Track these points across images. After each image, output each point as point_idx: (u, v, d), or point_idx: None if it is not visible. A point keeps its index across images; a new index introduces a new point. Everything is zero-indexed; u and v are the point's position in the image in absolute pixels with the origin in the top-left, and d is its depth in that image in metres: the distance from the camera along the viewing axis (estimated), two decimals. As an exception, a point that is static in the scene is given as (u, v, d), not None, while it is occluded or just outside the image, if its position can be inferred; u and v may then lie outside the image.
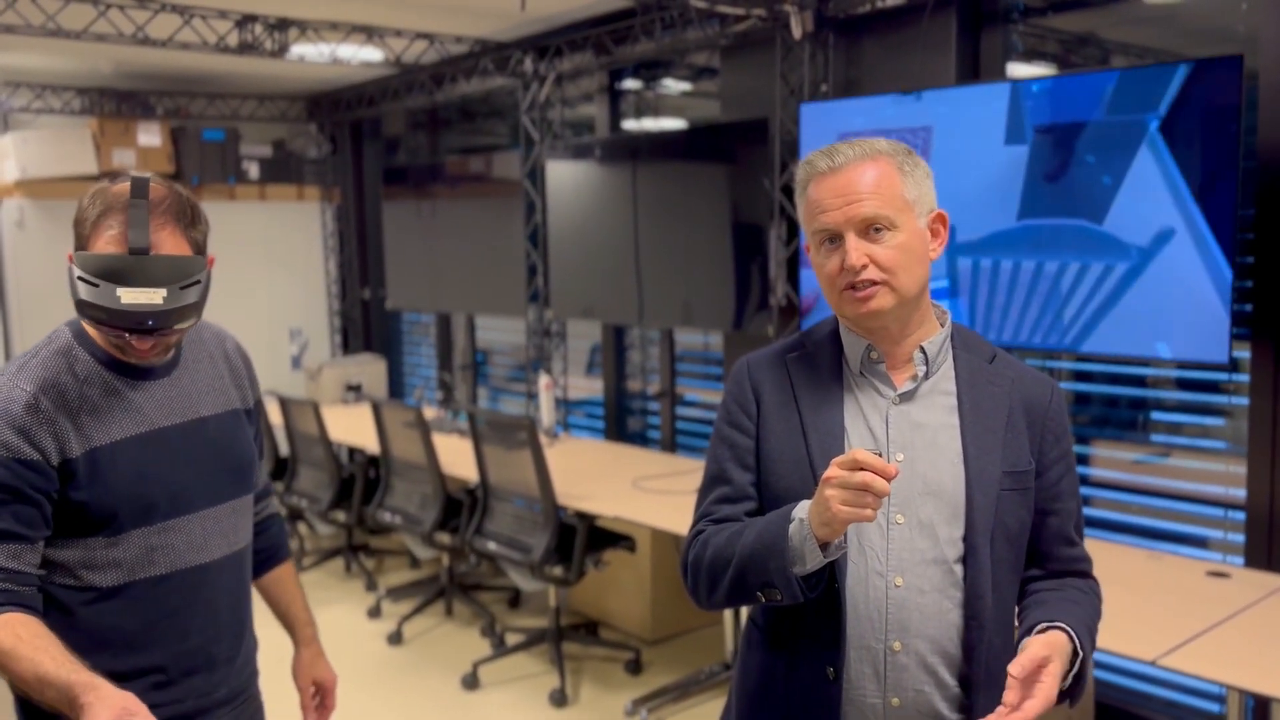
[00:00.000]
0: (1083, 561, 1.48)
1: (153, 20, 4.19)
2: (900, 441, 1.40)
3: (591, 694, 3.80)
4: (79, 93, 5.98)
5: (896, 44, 3.63)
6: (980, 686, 1.39)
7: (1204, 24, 3.07)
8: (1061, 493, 1.44)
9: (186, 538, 1.59)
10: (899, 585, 1.37)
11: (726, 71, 4.28)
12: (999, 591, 1.40)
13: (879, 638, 1.37)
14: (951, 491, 1.38)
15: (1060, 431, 1.45)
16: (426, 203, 5.79)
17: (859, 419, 1.42)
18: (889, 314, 1.38)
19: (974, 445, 1.39)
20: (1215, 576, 2.71)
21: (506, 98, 5.61)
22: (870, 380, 1.44)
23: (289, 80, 6.00)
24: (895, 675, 1.37)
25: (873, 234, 1.36)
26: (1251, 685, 2.06)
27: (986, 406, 1.42)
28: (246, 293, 6.45)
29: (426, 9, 4.33)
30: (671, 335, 4.83)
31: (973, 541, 1.37)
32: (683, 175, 4.23)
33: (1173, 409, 3.20)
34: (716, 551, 1.41)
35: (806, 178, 1.42)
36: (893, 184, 1.37)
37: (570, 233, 4.79)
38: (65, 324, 1.58)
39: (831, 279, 1.39)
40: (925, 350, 1.43)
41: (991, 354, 1.47)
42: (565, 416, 5.32)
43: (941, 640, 1.37)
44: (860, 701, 1.39)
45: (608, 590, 4.43)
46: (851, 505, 1.23)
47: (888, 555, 1.37)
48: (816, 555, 1.30)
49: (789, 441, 1.43)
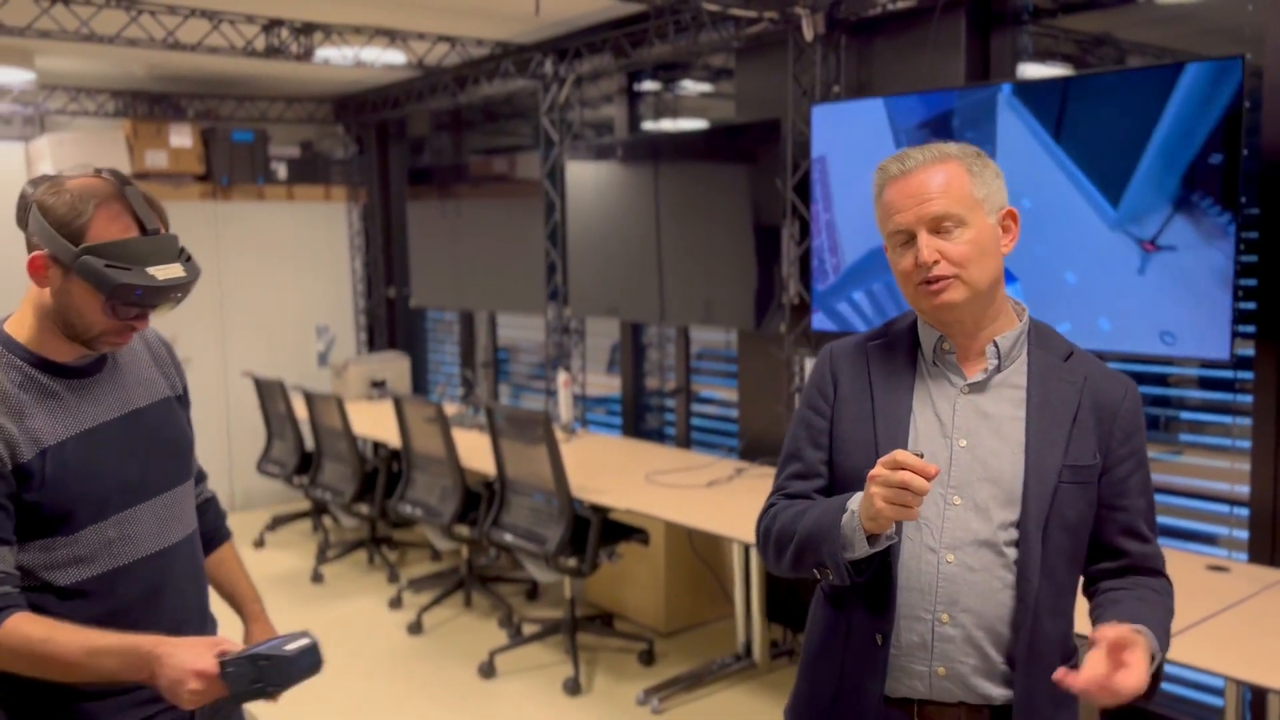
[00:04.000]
0: (1154, 559, 1.52)
1: (183, 25, 4.32)
2: (965, 428, 1.48)
3: (604, 683, 3.88)
4: (112, 95, 6.14)
5: (907, 46, 3.68)
6: (1025, 666, 1.45)
7: (1217, 23, 3.10)
8: (1129, 489, 1.49)
9: (143, 527, 1.64)
10: (950, 561, 1.44)
11: (741, 73, 4.34)
12: (1052, 578, 1.46)
13: (928, 609, 1.45)
14: (1010, 479, 1.45)
15: (1131, 430, 1.50)
16: (450, 202, 5.89)
17: (927, 406, 1.50)
18: (962, 307, 1.46)
19: (1037, 437, 1.46)
20: (1215, 570, 2.75)
21: (528, 99, 5.70)
22: (942, 370, 1.52)
23: (316, 82, 6.13)
24: (942, 646, 1.45)
25: (944, 231, 1.44)
26: (1244, 675, 2.11)
27: (1055, 402, 1.48)
28: (275, 291, 6.58)
29: (448, 12, 4.43)
30: (687, 333, 4.90)
31: (1025, 528, 1.43)
32: (704, 175, 4.30)
33: (1180, 407, 3.23)
34: (782, 527, 1.53)
35: (881, 183, 1.50)
36: (962, 184, 1.45)
37: (591, 232, 4.87)
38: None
39: (907, 275, 1.47)
40: (998, 344, 1.50)
41: (1068, 351, 1.53)
42: (584, 413, 5.40)
43: (989, 618, 1.44)
44: (908, 668, 1.47)
45: (623, 583, 4.50)
46: (893, 503, 1.32)
47: (941, 533, 1.45)
48: (864, 545, 1.40)
49: (859, 424, 1.52)
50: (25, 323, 1.57)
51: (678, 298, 4.44)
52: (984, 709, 1.47)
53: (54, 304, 1.54)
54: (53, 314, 1.55)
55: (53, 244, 1.50)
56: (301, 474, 5.36)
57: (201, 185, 6.22)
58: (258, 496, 6.56)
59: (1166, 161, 2.86)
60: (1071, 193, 3.05)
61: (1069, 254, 3.07)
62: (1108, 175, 2.98)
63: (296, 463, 5.38)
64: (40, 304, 1.56)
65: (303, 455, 5.41)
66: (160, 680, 1.44)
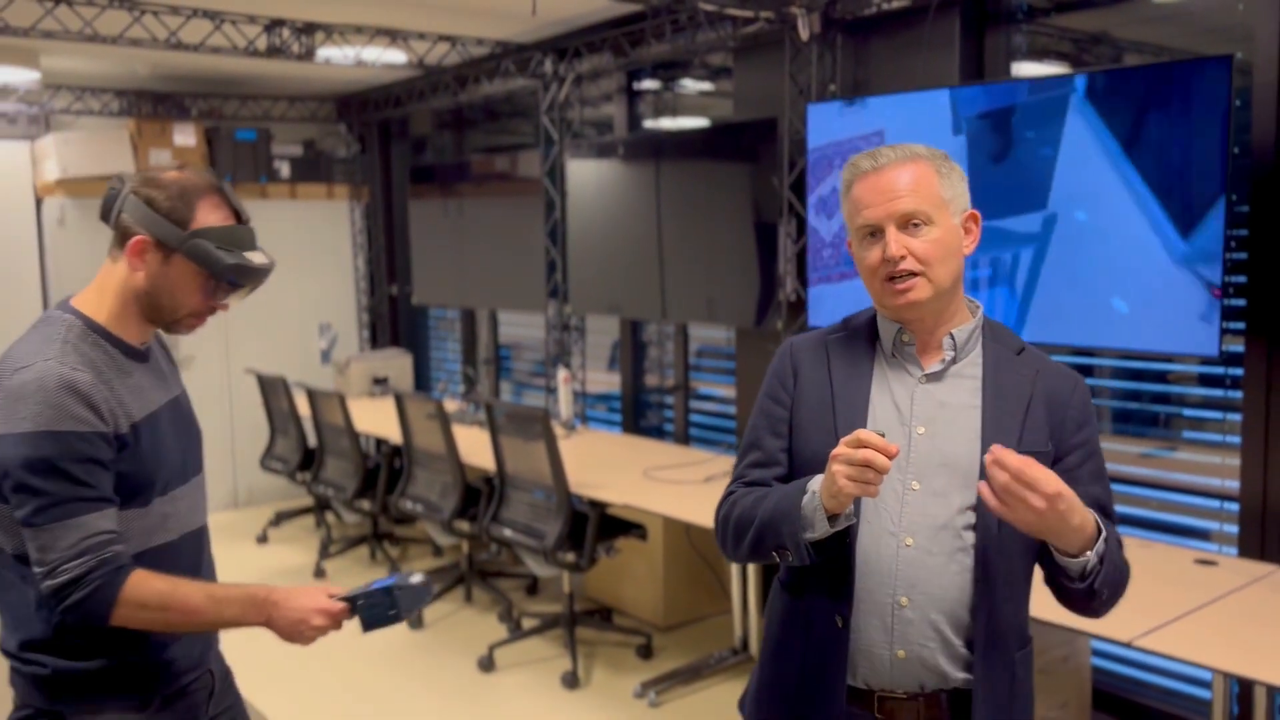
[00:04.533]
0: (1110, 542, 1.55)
1: (185, 25, 4.36)
2: (923, 417, 1.52)
3: (602, 677, 3.92)
4: (117, 95, 6.18)
5: (902, 45, 3.71)
6: (984, 648, 1.49)
7: (1212, 22, 3.12)
8: (1080, 478, 1.52)
9: (184, 505, 1.75)
10: (909, 545, 1.48)
11: (739, 72, 4.37)
12: (1009, 562, 1.50)
13: (888, 593, 1.49)
14: (966, 465, 1.49)
15: (1082, 421, 1.55)
16: (452, 201, 5.93)
17: (886, 395, 1.55)
18: (925, 305, 1.50)
19: (992, 426, 1.50)
20: (1202, 564, 2.78)
21: (529, 97, 5.73)
22: (901, 361, 1.56)
23: (319, 82, 6.17)
24: (902, 629, 1.49)
25: (911, 228, 1.49)
26: (1231, 667, 2.13)
27: (1009, 393, 1.53)
28: (277, 289, 6.62)
29: (448, 12, 4.47)
30: (686, 331, 4.93)
31: (982, 511, 1.47)
32: (705, 173, 4.33)
33: (1176, 404, 3.25)
34: (743, 512, 1.57)
35: (851, 177, 1.55)
36: (931, 183, 1.50)
37: (592, 230, 4.91)
38: (60, 309, 1.67)
39: (873, 270, 1.51)
40: (954, 337, 1.54)
41: (1020, 347, 1.58)
42: (584, 410, 5.44)
43: (948, 600, 1.48)
44: (869, 651, 1.51)
45: (622, 578, 4.54)
46: (855, 480, 1.36)
47: (901, 517, 1.49)
48: (824, 525, 1.43)
49: (819, 411, 1.57)
50: (103, 304, 1.68)
51: (679, 295, 4.48)
52: (940, 696, 1.50)
53: (147, 286, 1.66)
54: (141, 296, 1.67)
55: (158, 229, 1.63)
56: (304, 470, 5.40)
57: (205, 184, 6.25)
58: (261, 493, 6.61)
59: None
60: (1134, 213, 2.85)
61: (1120, 280, 2.90)
62: (1182, 201, 2.76)
63: (299, 459, 5.42)
64: (125, 286, 1.67)
65: (305, 452, 5.45)
66: (279, 622, 1.63)
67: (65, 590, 1.53)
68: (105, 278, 1.70)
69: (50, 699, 1.63)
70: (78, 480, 1.54)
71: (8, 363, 1.59)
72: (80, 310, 1.67)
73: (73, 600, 1.53)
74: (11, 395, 1.54)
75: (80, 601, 1.53)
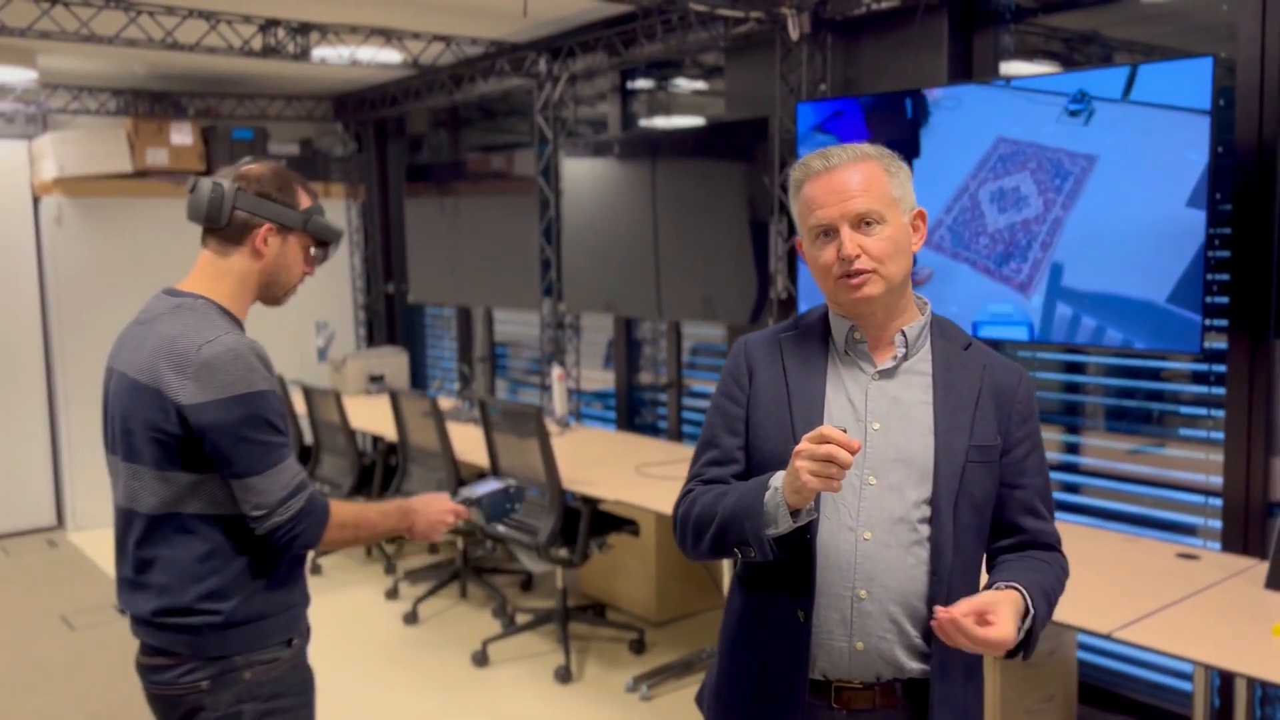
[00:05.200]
0: (1049, 535, 1.61)
1: (181, 25, 4.39)
2: (877, 413, 1.55)
3: (595, 671, 3.95)
4: (114, 94, 6.21)
5: (892, 45, 3.74)
6: (940, 640, 1.51)
7: (1199, 21, 3.15)
8: (1027, 470, 1.58)
9: None
10: (867, 539, 1.51)
11: (731, 71, 4.41)
12: (962, 553, 1.54)
13: (847, 586, 1.52)
14: (921, 460, 1.53)
15: (1027, 414, 1.59)
16: (448, 199, 5.96)
17: (840, 391, 1.57)
18: (878, 301, 1.53)
19: (944, 420, 1.54)
20: (1184, 559, 2.81)
21: (525, 96, 5.76)
22: (853, 358, 1.59)
23: (315, 81, 6.20)
24: (860, 621, 1.52)
25: (864, 228, 1.52)
26: (1211, 659, 2.16)
27: (959, 387, 1.56)
28: (274, 287, 6.65)
29: (442, 12, 4.50)
30: (679, 329, 4.96)
31: (937, 505, 1.51)
32: (701, 171, 4.36)
33: (1160, 400, 3.29)
34: (702, 510, 1.58)
35: (802, 177, 1.57)
36: (881, 182, 1.53)
37: (588, 228, 4.94)
38: (190, 297, 1.86)
39: (827, 269, 1.54)
40: (905, 334, 1.58)
41: (967, 342, 1.62)
42: (579, 407, 5.47)
43: (905, 593, 1.52)
44: (828, 644, 1.54)
45: (615, 574, 4.58)
46: (818, 475, 1.39)
47: (859, 512, 1.52)
48: (787, 520, 1.46)
49: (775, 410, 1.59)
50: (220, 289, 1.88)
51: (675, 294, 4.51)
52: (895, 685, 1.54)
53: (269, 267, 1.90)
54: (261, 277, 1.90)
55: (277, 214, 1.88)
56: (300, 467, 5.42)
57: (202, 182, 6.28)
58: (258, 490, 6.63)
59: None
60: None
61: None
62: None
63: (295, 456, 5.43)
64: (245, 272, 1.89)
65: (301, 449, 5.48)
66: (419, 524, 1.99)
67: (290, 524, 1.78)
68: (213, 268, 1.89)
69: (222, 644, 1.80)
70: (278, 429, 1.80)
71: (185, 342, 1.76)
72: (204, 296, 1.87)
73: (298, 530, 1.78)
74: (208, 366, 1.74)
75: (305, 530, 1.79)
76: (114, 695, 3.83)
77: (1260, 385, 2.93)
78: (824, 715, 1.55)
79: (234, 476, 1.76)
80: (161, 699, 1.85)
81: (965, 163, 3.28)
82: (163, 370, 1.76)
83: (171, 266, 6.36)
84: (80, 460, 6.03)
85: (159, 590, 1.80)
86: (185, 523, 1.79)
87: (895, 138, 3.40)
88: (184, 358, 1.75)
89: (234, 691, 1.81)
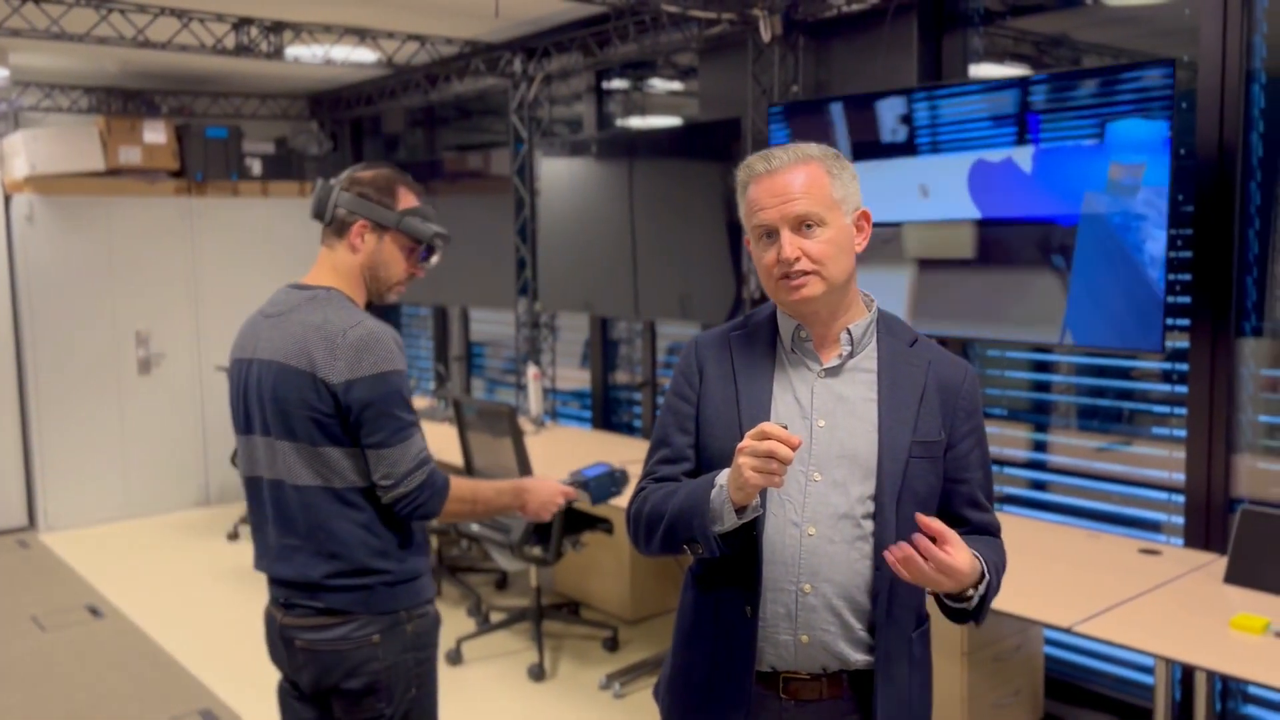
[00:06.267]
0: (991, 526, 1.65)
1: (152, 24, 4.37)
2: (823, 410, 1.57)
3: (569, 669, 3.97)
4: (86, 92, 6.17)
5: (862, 47, 3.77)
6: (884, 631, 1.56)
7: (1164, 25, 3.19)
8: (970, 464, 1.61)
9: None
10: (811, 534, 1.54)
11: (704, 73, 4.43)
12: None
13: (792, 580, 1.54)
14: (865, 456, 1.55)
15: (971, 409, 1.62)
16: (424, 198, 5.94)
17: (787, 389, 1.59)
18: (819, 301, 1.55)
19: (889, 417, 1.56)
20: (1146, 554, 2.86)
21: (500, 96, 5.77)
22: (800, 356, 1.61)
23: (290, 79, 6.18)
24: (805, 615, 1.54)
25: (804, 230, 1.54)
26: (1173, 653, 2.20)
27: (903, 384, 1.59)
28: (250, 286, 6.61)
29: (416, 11, 4.50)
30: (654, 328, 4.98)
31: (881, 501, 1.54)
32: (678, 171, 4.37)
33: (1121, 398, 3.34)
34: (653, 508, 1.61)
35: (746, 178, 1.59)
36: (822, 185, 1.55)
37: (564, 228, 4.95)
38: (321, 289, 2.05)
39: (768, 269, 1.56)
40: (851, 332, 1.60)
41: (912, 338, 1.64)
42: (554, 407, 5.48)
43: (848, 587, 1.54)
44: (774, 638, 1.56)
45: (589, 572, 4.59)
46: (760, 471, 1.41)
47: (804, 508, 1.54)
48: (732, 517, 1.49)
49: (724, 407, 1.61)
50: (337, 281, 2.07)
51: (652, 293, 4.53)
52: (842, 676, 1.57)
53: (366, 262, 2.07)
54: (363, 270, 2.08)
55: (373, 214, 2.06)
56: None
57: (176, 181, 6.26)
58: (231, 490, 6.61)
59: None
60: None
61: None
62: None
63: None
64: (349, 265, 2.07)
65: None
66: (531, 504, 2.15)
67: (413, 494, 1.95)
68: (326, 261, 2.09)
69: (390, 600, 1.99)
70: (410, 408, 1.99)
71: (331, 327, 1.96)
72: (332, 287, 2.06)
73: (420, 500, 1.96)
74: (355, 347, 1.94)
75: (425, 501, 1.96)
76: (85, 696, 3.81)
77: (1221, 384, 2.98)
78: (772, 705, 1.58)
79: (371, 447, 1.94)
80: (324, 655, 1.99)
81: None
82: (315, 353, 1.94)
83: (145, 265, 6.34)
84: (52, 461, 5.99)
85: (328, 556, 1.97)
86: (343, 494, 1.97)
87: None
88: (333, 341, 1.94)
89: (401, 642, 2.00)
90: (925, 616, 1.65)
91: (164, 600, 4.83)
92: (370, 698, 1.99)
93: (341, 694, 2.00)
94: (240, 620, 4.53)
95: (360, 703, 2.00)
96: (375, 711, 2.00)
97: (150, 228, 6.22)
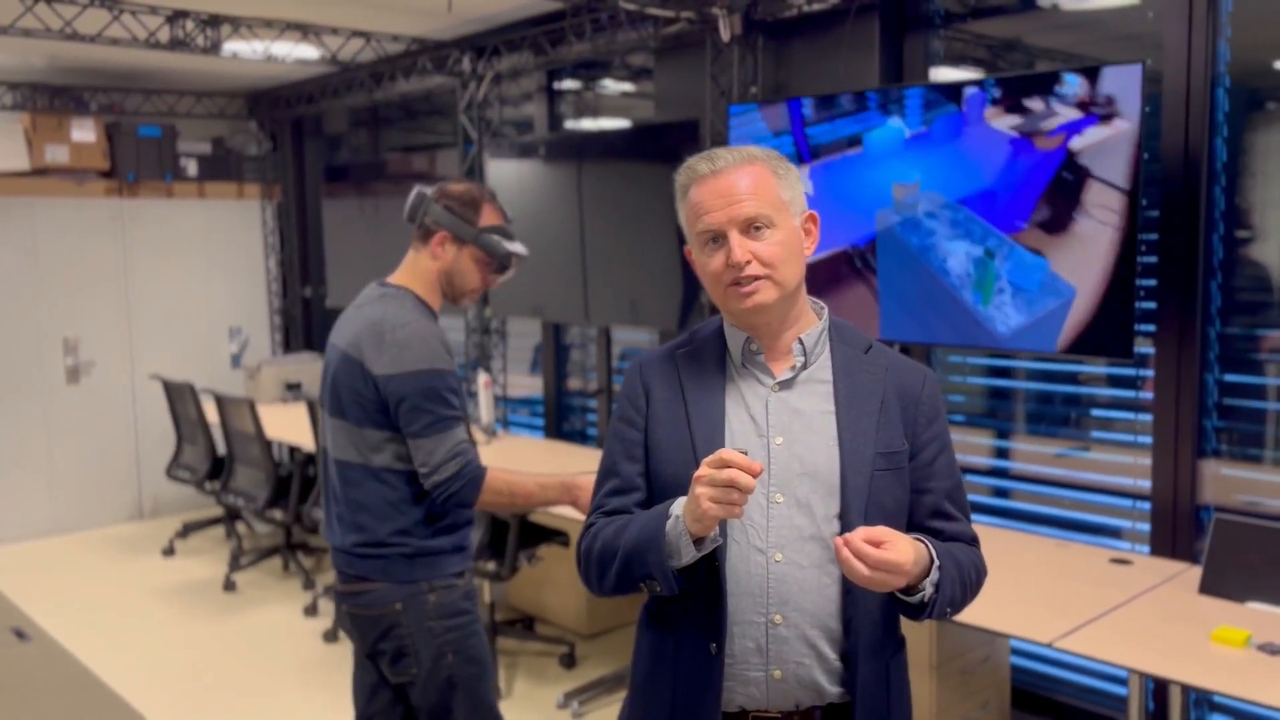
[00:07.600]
0: (965, 536, 1.54)
1: (81, 15, 4.15)
2: (779, 426, 1.47)
3: (525, 687, 3.84)
4: (10, 88, 5.89)
5: (824, 47, 3.71)
6: (859, 659, 1.45)
7: (1123, 30, 3.17)
8: (935, 472, 1.52)
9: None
10: (779, 560, 1.43)
11: (660, 73, 4.34)
12: None
13: (761, 612, 1.43)
14: (827, 472, 1.45)
15: (933, 415, 1.53)
16: (368, 200, 5.78)
17: (740, 406, 1.49)
18: (771, 308, 1.46)
19: (849, 430, 1.47)
20: (1118, 564, 2.82)
21: (448, 96, 5.62)
22: (751, 371, 1.52)
23: (228, 77, 5.96)
24: (777, 648, 1.44)
25: (753, 232, 1.44)
26: (1146, 667, 2.16)
27: (861, 393, 1.49)
28: (185, 291, 6.39)
29: (362, 6, 4.34)
30: (609, 334, 4.88)
31: (848, 519, 1.44)
32: (628, 174, 4.27)
33: (1088, 404, 3.31)
34: (604, 544, 1.49)
35: (688, 181, 1.50)
36: (769, 186, 1.46)
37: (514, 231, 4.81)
38: (395, 289, 2.26)
39: (716, 276, 1.46)
40: (803, 342, 1.51)
41: (867, 345, 1.55)
42: (505, 415, 5.34)
43: (821, 614, 1.44)
44: (743, 675, 1.45)
45: (544, 586, 4.47)
46: (720, 501, 1.31)
47: (768, 532, 1.44)
48: (690, 550, 1.38)
49: (675, 430, 1.50)
50: (416, 283, 2.28)
51: (602, 298, 4.42)
52: (814, 712, 1.46)
53: (445, 270, 2.28)
54: (441, 276, 2.28)
55: (455, 227, 2.27)
56: (213, 479, 5.21)
57: (106, 182, 6.01)
58: (167, 503, 6.36)
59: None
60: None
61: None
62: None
63: (208, 468, 5.22)
64: (429, 270, 2.28)
65: (214, 460, 5.26)
66: (582, 499, 2.21)
67: (446, 483, 2.13)
68: (410, 263, 2.31)
69: (411, 569, 2.18)
70: (449, 404, 2.16)
71: (385, 324, 2.16)
72: (405, 287, 2.26)
73: (453, 489, 2.14)
74: (399, 344, 2.14)
75: (459, 490, 2.14)
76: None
77: (1187, 389, 2.96)
78: None
79: (410, 436, 2.13)
80: (363, 619, 2.22)
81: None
82: (365, 346, 2.16)
83: (73, 269, 6.08)
84: (-26, 474, 5.70)
85: (357, 527, 2.19)
86: (378, 473, 2.17)
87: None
88: (381, 337, 2.15)
89: (423, 611, 2.17)
90: (902, 640, 1.56)
91: (95, 622, 4.60)
92: (404, 660, 2.20)
93: (381, 655, 2.22)
94: (177, 642, 4.33)
95: (395, 665, 2.21)
96: (410, 675, 2.20)
97: (79, 230, 5.97)
